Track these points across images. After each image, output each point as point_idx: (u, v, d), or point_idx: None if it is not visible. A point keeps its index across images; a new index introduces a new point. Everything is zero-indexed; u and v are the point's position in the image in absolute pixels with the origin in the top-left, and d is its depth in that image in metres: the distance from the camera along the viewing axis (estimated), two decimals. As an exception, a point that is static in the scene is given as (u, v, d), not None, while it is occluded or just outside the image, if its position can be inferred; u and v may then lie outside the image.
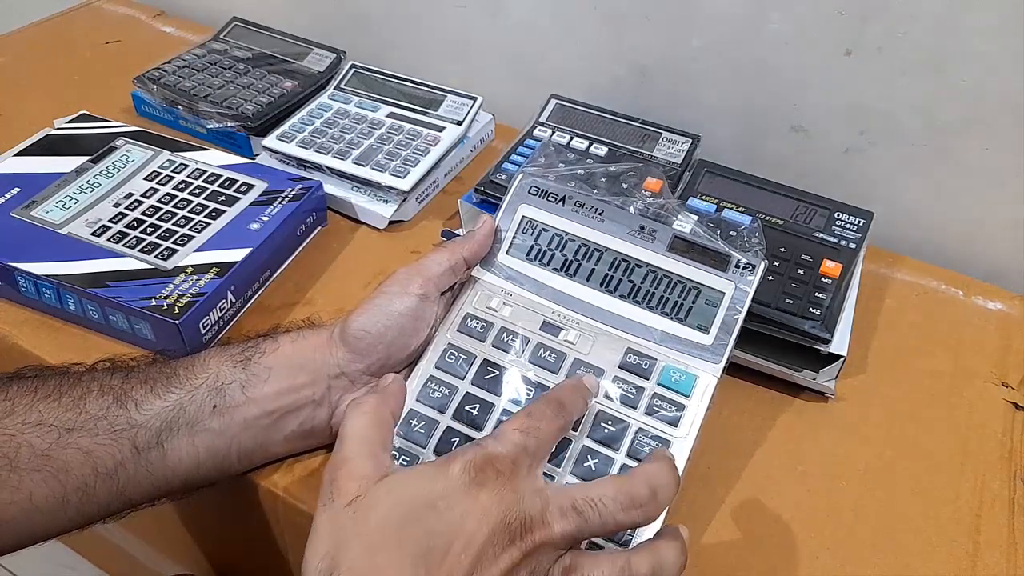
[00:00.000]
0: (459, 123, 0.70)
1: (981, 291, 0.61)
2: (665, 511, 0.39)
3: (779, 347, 0.52)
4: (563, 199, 0.50)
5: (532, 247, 0.50)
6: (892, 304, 0.60)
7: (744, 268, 0.46)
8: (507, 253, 0.50)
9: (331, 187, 0.66)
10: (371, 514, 0.34)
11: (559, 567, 0.35)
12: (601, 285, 0.48)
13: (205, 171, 0.64)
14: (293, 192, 0.63)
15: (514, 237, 0.50)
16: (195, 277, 0.55)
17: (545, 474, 0.42)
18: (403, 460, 0.44)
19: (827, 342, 0.51)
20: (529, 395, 0.45)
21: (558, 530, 0.34)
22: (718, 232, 0.48)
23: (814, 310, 0.51)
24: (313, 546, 0.34)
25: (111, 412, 0.40)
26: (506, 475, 0.35)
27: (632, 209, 0.49)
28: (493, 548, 0.33)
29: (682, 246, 0.48)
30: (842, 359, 0.51)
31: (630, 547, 0.39)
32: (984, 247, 0.66)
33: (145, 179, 0.63)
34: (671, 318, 0.47)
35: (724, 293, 0.46)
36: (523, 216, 0.50)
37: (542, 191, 0.50)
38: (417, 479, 0.35)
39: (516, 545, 0.33)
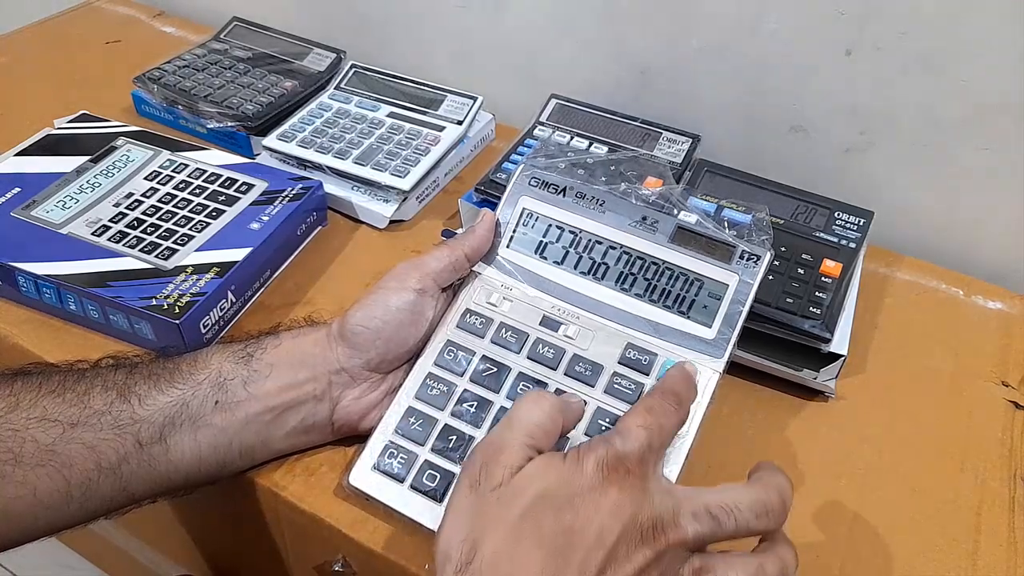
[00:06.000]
0: (459, 123, 0.70)
1: (981, 291, 0.61)
2: None
3: (779, 346, 0.52)
4: (564, 190, 0.49)
5: (533, 240, 0.49)
6: (892, 304, 0.60)
7: (748, 259, 0.46)
8: (507, 247, 0.49)
9: (331, 187, 0.66)
10: (515, 503, 0.34)
11: (689, 568, 0.34)
12: (602, 278, 0.48)
13: (205, 171, 0.64)
14: (293, 192, 0.63)
15: (515, 230, 0.50)
16: (195, 277, 0.55)
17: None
18: (401, 458, 0.44)
19: (827, 341, 0.51)
20: (527, 392, 0.45)
21: (691, 532, 0.34)
22: (724, 224, 0.48)
23: (814, 309, 0.51)
24: (455, 527, 0.34)
25: (115, 407, 0.41)
26: (636, 474, 0.35)
27: (634, 199, 0.49)
28: (626, 546, 0.33)
29: (685, 237, 0.47)
30: (842, 358, 0.51)
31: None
32: (984, 247, 0.66)
33: (145, 179, 0.64)
34: (673, 312, 0.46)
35: (727, 285, 0.46)
36: (524, 208, 0.50)
37: (543, 182, 0.50)
38: (557, 471, 0.35)
39: (649, 545, 0.33)
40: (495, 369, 0.46)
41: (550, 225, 0.49)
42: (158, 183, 0.63)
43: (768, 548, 0.36)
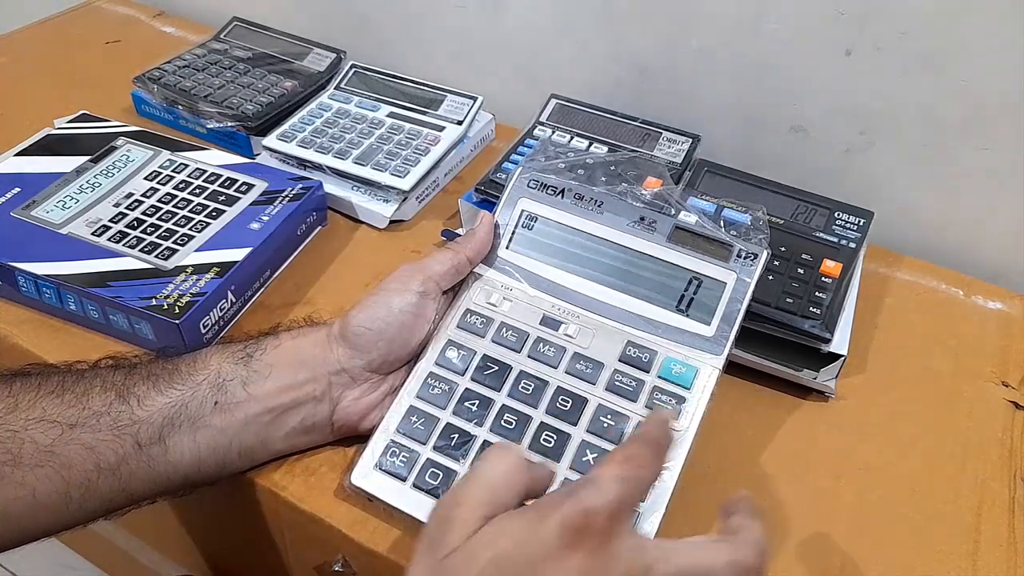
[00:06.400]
0: (459, 123, 0.70)
1: (981, 291, 0.61)
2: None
3: (779, 346, 0.52)
4: (562, 192, 0.50)
5: (532, 240, 0.49)
6: (892, 304, 0.60)
7: (746, 258, 0.46)
8: (507, 247, 0.50)
9: (331, 187, 0.66)
10: (468, 570, 0.31)
11: None
12: (601, 277, 0.48)
13: (205, 171, 0.64)
14: (293, 192, 0.63)
15: (514, 231, 0.50)
16: (195, 277, 0.55)
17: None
18: (403, 457, 0.44)
19: (827, 341, 0.51)
20: (528, 391, 0.45)
21: None
22: (720, 224, 0.48)
23: (814, 309, 0.51)
24: None
25: (114, 408, 0.41)
26: (605, 533, 0.31)
27: (632, 199, 0.49)
28: None
29: (683, 236, 0.47)
30: (842, 358, 0.51)
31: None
32: (984, 247, 0.66)
33: (145, 179, 0.64)
34: (672, 310, 0.47)
35: (726, 283, 0.46)
36: (523, 209, 0.50)
37: (541, 184, 0.50)
38: (514, 534, 0.32)
39: None
40: (496, 368, 0.46)
41: (549, 226, 0.49)
42: (158, 183, 0.63)
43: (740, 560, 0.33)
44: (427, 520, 0.34)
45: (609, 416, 0.44)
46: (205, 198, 0.62)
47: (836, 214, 0.57)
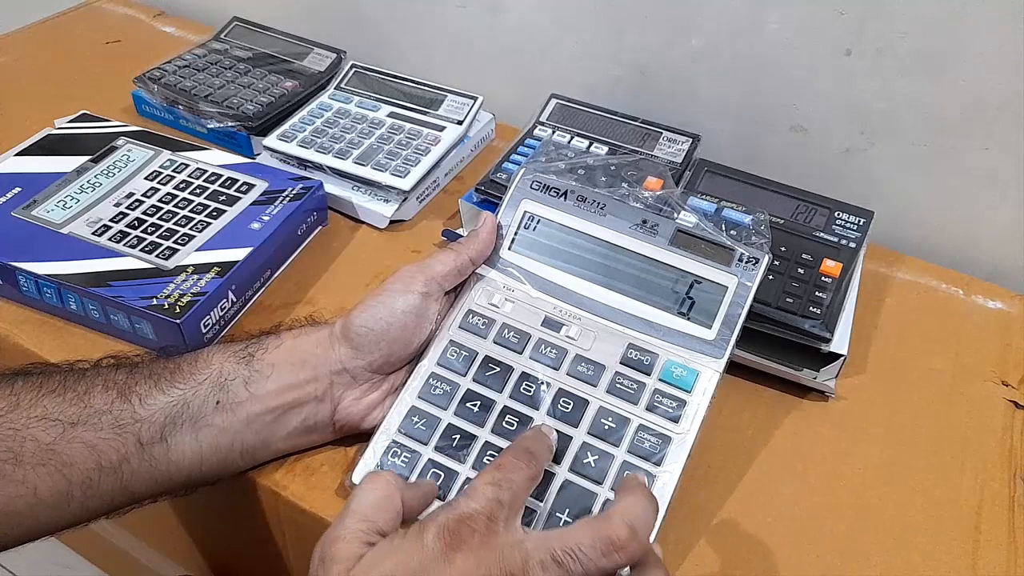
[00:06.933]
0: (459, 123, 0.70)
1: (981, 290, 0.61)
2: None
3: (779, 346, 0.52)
4: (565, 194, 0.50)
5: (534, 242, 0.50)
6: (892, 303, 0.60)
7: (747, 262, 0.46)
8: (509, 249, 0.50)
9: (332, 187, 0.66)
10: None
11: None
12: (603, 280, 0.48)
13: (206, 171, 0.64)
14: (294, 192, 0.63)
15: (516, 232, 0.50)
16: (196, 276, 0.55)
17: (544, 470, 0.42)
18: (404, 457, 0.44)
19: (827, 341, 0.51)
20: (529, 392, 0.45)
21: None
22: (721, 228, 0.48)
23: (814, 309, 0.51)
24: None
25: (115, 407, 0.41)
26: (482, 533, 0.34)
27: (634, 202, 0.49)
28: None
29: (684, 240, 0.47)
30: (842, 358, 0.51)
31: None
32: (984, 247, 0.66)
33: (146, 179, 0.64)
34: (673, 313, 0.47)
35: (727, 287, 0.46)
36: (525, 211, 0.50)
37: (544, 186, 0.50)
38: (395, 554, 0.34)
39: None
40: (498, 369, 0.46)
41: (551, 227, 0.49)
42: (159, 183, 0.63)
43: None
44: (310, 563, 0.35)
45: (610, 418, 0.44)
46: (206, 198, 0.62)
47: (836, 214, 0.57)
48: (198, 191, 0.62)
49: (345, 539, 0.34)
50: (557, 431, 0.44)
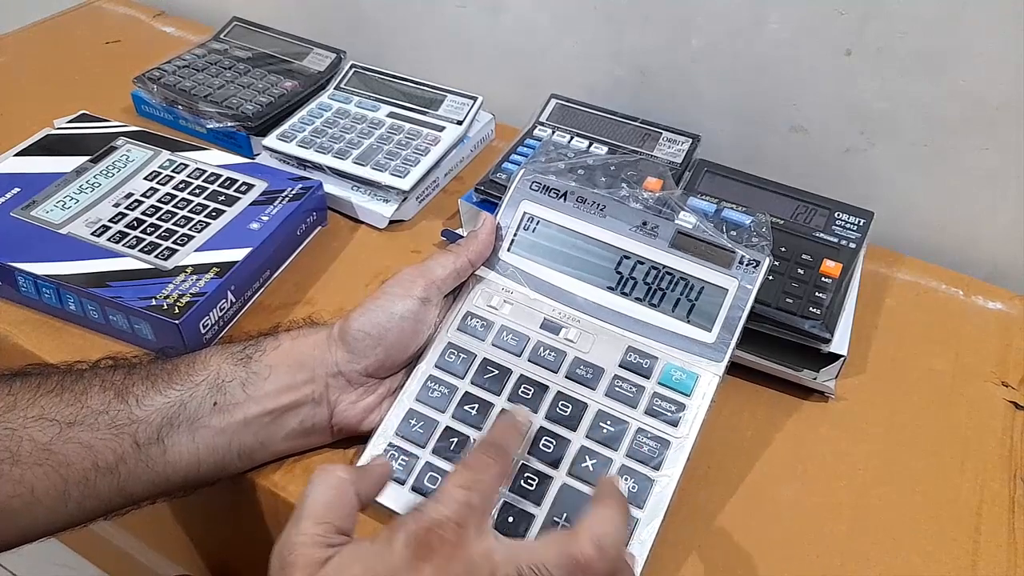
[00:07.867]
0: (459, 123, 0.70)
1: (981, 291, 0.61)
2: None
3: (779, 347, 0.52)
4: (564, 195, 0.50)
5: (533, 243, 0.49)
6: (892, 304, 0.60)
7: (748, 264, 0.46)
8: (508, 250, 0.50)
9: (331, 187, 0.66)
10: None
11: None
12: (602, 282, 0.48)
13: (205, 171, 0.64)
14: (293, 192, 0.62)
15: (515, 234, 0.50)
16: (195, 277, 0.55)
17: (542, 473, 0.42)
18: (402, 460, 0.44)
19: (827, 341, 0.51)
20: (527, 395, 0.45)
21: None
22: (722, 228, 0.48)
23: (814, 309, 0.51)
24: None
25: (112, 407, 0.41)
26: (451, 542, 0.33)
27: (634, 203, 0.49)
28: None
29: (685, 242, 0.47)
30: (842, 358, 0.51)
31: None
32: (984, 247, 0.66)
33: (145, 179, 0.63)
34: (673, 316, 0.46)
35: (727, 290, 0.46)
36: (524, 212, 0.50)
37: (544, 187, 0.50)
38: (363, 559, 0.33)
39: None
40: (496, 372, 0.46)
41: (551, 229, 0.49)
42: (158, 183, 0.63)
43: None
44: (269, 571, 0.34)
45: (609, 422, 0.44)
46: (205, 198, 0.62)
47: (836, 214, 0.57)
48: (197, 191, 0.62)
49: (304, 544, 0.33)
50: (556, 434, 0.43)
